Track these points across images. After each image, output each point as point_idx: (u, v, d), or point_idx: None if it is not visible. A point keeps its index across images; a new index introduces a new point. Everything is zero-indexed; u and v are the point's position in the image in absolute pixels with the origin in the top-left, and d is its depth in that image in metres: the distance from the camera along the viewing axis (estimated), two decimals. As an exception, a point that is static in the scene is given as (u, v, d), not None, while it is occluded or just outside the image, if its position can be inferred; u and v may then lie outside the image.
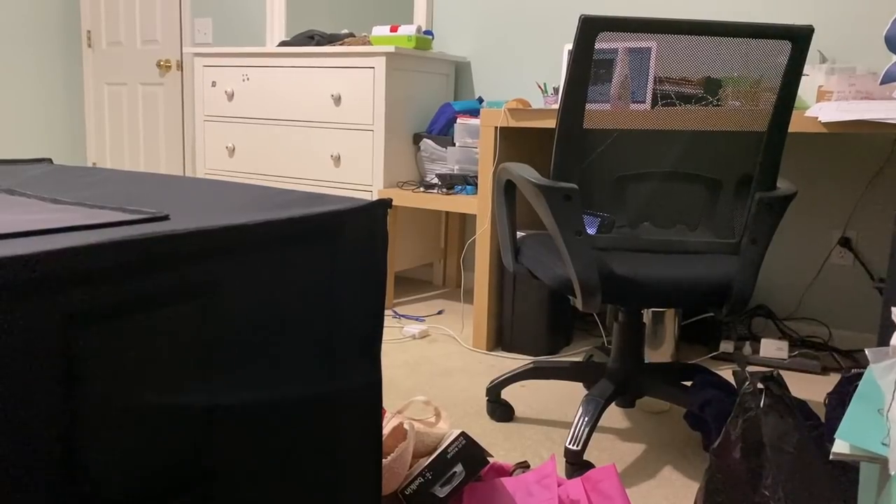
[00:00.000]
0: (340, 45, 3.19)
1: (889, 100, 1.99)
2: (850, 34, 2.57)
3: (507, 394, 2.12)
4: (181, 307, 0.81)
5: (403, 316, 2.97)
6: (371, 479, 1.10)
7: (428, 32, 3.24)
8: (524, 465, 1.48)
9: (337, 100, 3.08)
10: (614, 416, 2.03)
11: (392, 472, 1.29)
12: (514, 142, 2.56)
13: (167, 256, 0.78)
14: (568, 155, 1.57)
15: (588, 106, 1.55)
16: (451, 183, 2.92)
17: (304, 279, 0.94)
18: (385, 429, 1.41)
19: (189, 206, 1.00)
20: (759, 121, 1.60)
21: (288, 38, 3.59)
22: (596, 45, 1.50)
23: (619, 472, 1.70)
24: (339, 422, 1.03)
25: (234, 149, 3.42)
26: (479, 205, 2.53)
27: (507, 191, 1.82)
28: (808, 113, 2.00)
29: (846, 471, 1.13)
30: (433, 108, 3.24)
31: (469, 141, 2.95)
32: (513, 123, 2.41)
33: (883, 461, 0.72)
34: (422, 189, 2.96)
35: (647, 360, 2.33)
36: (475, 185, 2.87)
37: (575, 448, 1.63)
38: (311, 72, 3.15)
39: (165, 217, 0.91)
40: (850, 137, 2.61)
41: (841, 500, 1.10)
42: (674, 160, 1.64)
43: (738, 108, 1.61)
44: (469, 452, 1.34)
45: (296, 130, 3.23)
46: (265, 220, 0.88)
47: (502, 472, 1.46)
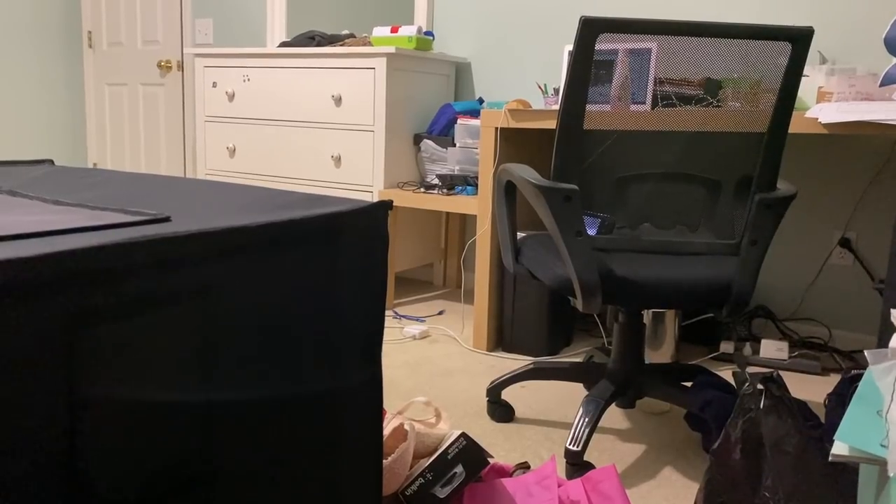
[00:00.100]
0: (341, 45, 3.19)
1: (889, 101, 1.99)
2: (851, 35, 2.58)
3: (507, 394, 2.12)
4: (182, 308, 0.81)
5: (404, 316, 2.97)
6: (371, 480, 1.11)
7: (428, 33, 3.24)
8: (524, 466, 1.49)
9: (337, 100, 3.09)
10: (614, 416, 2.03)
11: (392, 472, 1.29)
12: (514, 142, 2.57)
13: (169, 258, 0.79)
14: (568, 156, 1.58)
15: (588, 107, 1.55)
16: (451, 183, 2.92)
17: (304, 280, 0.94)
18: (385, 429, 1.41)
19: (190, 208, 1.00)
20: (760, 122, 1.60)
21: (288, 39, 3.60)
22: (596, 47, 1.50)
23: (620, 473, 1.71)
24: (339, 422, 1.03)
25: (234, 149, 3.42)
26: (479, 205, 2.53)
27: (508, 191, 1.82)
28: (809, 114, 2.00)
29: (846, 472, 1.13)
30: (433, 109, 3.24)
31: (469, 141, 2.95)
32: (513, 124, 2.41)
33: (882, 463, 0.72)
34: (422, 189, 2.97)
35: (647, 361, 2.34)
36: (475, 185, 2.87)
37: (575, 449, 1.63)
38: (311, 72, 3.16)
39: (167, 219, 0.91)
40: (851, 138, 2.61)
41: (841, 500, 1.11)
42: (674, 161, 1.64)
43: (739, 109, 1.61)
44: (469, 453, 1.34)
45: (296, 131, 3.23)
46: (266, 222, 0.88)
47: (503, 472, 1.46)
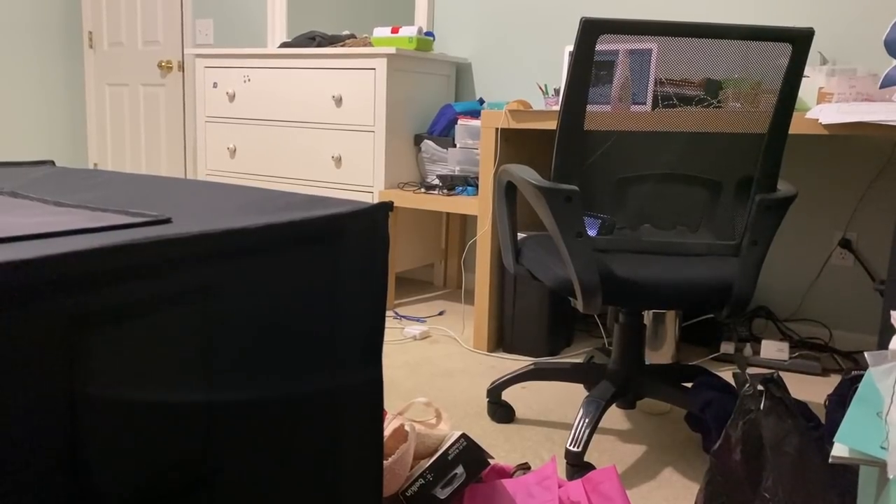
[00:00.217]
0: (341, 46, 3.20)
1: (890, 102, 1.99)
2: (851, 36, 2.58)
3: (507, 395, 2.13)
4: (183, 310, 0.81)
5: (404, 317, 2.97)
6: (372, 481, 1.11)
7: (429, 34, 3.24)
8: (525, 467, 1.49)
9: (338, 101, 3.09)
10: (615, 417, 2.04)
11: (393, 473, 1.29)
12: (514, 143, 2.57)
13: (170, 259, 0.79)
14: (568, 156, 1.58)
15: (589, 107, 1.55)
16: (451, 184, 2.92)
17: (305, 282, 0.95)
18: (386, 430, 1.41)
19: (191, 209, 1.00)
20: (760, 122, 1.60)
21: (289, 40, 3.60)
22: (597, 47, 1.50)
23: (620, 474, 1.71)
24: (340, 423, 1.03)
25: (235, 150, 3.42)
26: (479, 206, 2.53)
27: (508, 192, 1.83)
28: (809, 114, 2.00)
29: (846, 472, 1.13)
30: (434, 109, 3.24)
31: (470, 142, 2.95)
32: (513, 125, 2.41)
33: (882, 464, 0.72)
34: (423, 190, 2.97)
35: (647, 362, 2.34)
36: (476, 186, 2.87)
37: (575, 449, 1.64)
38: (312, 73, 3.16)
39: (168, 220, 0.91)
40: (851, 139, 2.61)
41: (841, 502, 1.11)
42: (674, 162, 1.64)
43: (739, 109, 1.61)
44: (470, 454, 1.34)
45: (297, 131, 3.23)
46: (267, 224, 0.88)
47: (503, 473, 1.46)
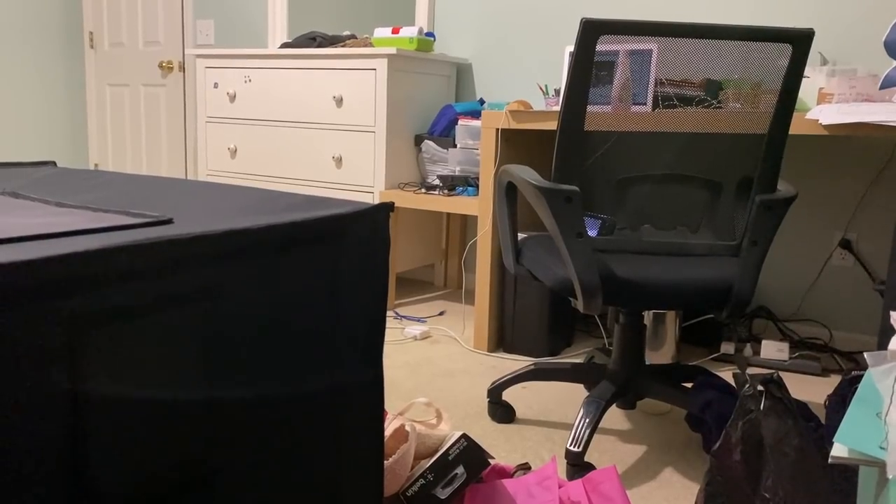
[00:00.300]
0: (342, 46, 3.20)
1: (890, 102, 1.99)
2: (852, 36, 2.58)
3: (508, 395, 2.13)
4: (184, 310, 0.81)
5: (405, 317, 2.98)
6: (372, 481, 1.11)
7: (429, 34, 3.24)
8: (525, 467, 1.49)
9: (338, 101, 3.09)
10: (615, 417, 2.04)
11: (393, 473, 1.29)
12: (515, 143, 2.57)
13: (171, 260, 0.79)
14: (569, 157, 1.58)
15: (589, 108, 1.55)
16: (452, 184, 2.92)
17: (306, 282, 0.95)
18: (386, 430, 1.41)
19: (192, 210, 1.01)
20: (760, 123, 1.60)
21: (290, 40, 3.60)
22: (597, 48, 1.51)
23: (620, 474, 1.71)
24: (340, 423, 1.03)
25: (235, 150, 3.43)
26: (480, 206, 2.53)
27: (509, 192, 1.83)
28: (809, 115, 2.00)
29: (846, 473, 1.13)
30: (434, 110, 3.24)
31: (470, 142, 2.95)
32: (514, 125, 2.41)
33: (881, 464, 0.73)
34: (423, 190, 2.97)
35: (647, 362, 2.34)
36: (476, 186, 2.88)
37: (576, 449, 1.64)
38: (312, 73, 3.16)
39: (169, 221, 0.91)
40: (851, 139, 2.61)
41: (841, 502, 1.11)
42: (674, 162, 1.65)
43: (739, 110, 1.61)
44: (470, 454, 1.34)
45: (297, 132, 3.23)
46: (268, 225, 0.88)
47: (503, 473, 1.46)
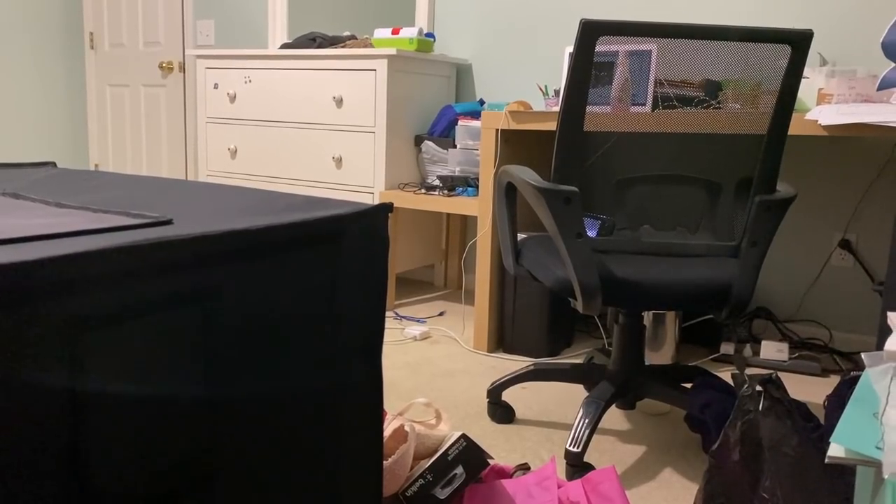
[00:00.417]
0: (342, 47, 3.20)
1: (888, 103, 1.99)
2: (851, 37, 2.58)
3: (507, 395, 2.13)
4: (184, 311, 0.81)
5: (405, 317, 2.98)
6: (372, 481, 1.11)
7: (429, 35, 3.24)
8: (524, 467, 1.49)
9: (339, 102, 3.09)
10: (615, 418, 2.04)
11: (393, 473, 1.29)
12: (515, 144, 2.57)
13: (170, 261, 0.79)
14: (568, 157, 1.58)
15: (589, 108, 1.55)
16: (452, 185, 2.92)
17: (305, 283, 0.95)
18: (386, 431, 1.41)
19: (192, 211, 1.01)
20: (760, 123, 1.60)
21: (290, 41, 3.60)
22: (596, 48, 1.51)
23: (619, 474, 1.71)
24: (339, 424, 1.04)
25: (236, 150, 3.43)
26: (480, 207, 2.53)
27: (508, 193, 1.83)
28: (809, 116, 2.00)
29: (845, 473, 1.13)
30: (434, 110, 3.24)
31: (470, 143, 2.95)
32: (514, 125, 2.41)
33: (877, 465, 0.73)
34: (423, 191, 2.97)
35: (647, 362, 2.34)
36: (476, 186, 2.88)
37: (575, 450, 1.64)
38: (312, 74, 3.16)
39: (169, 221, 0.91)
40: (851, 140, 2.61)
41: (839, 502, 1.11)
42: (674, 163, 1.65)
43: (739, 110, 1.61)
44: (469, 454, 1.35)
45: (297, 132, 3.24)
46: (267, 225, 0.89)
47: (502, 473, 1.46)
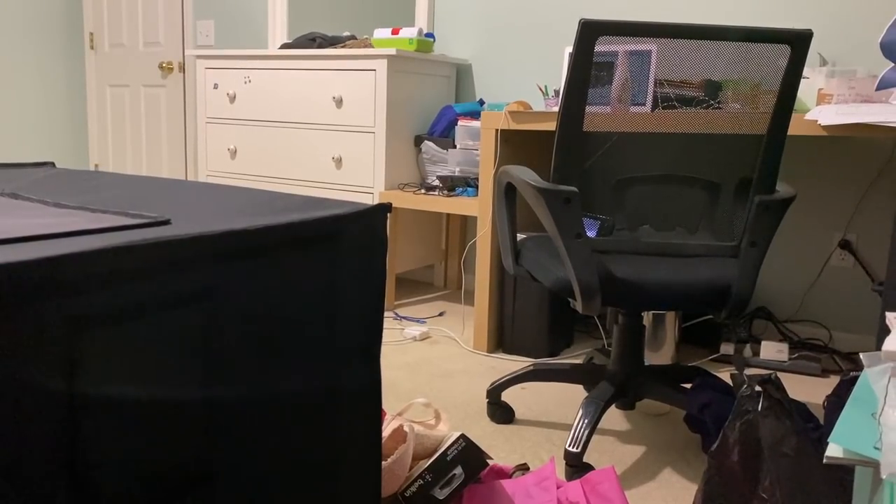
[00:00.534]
0: (342, 47, 3.20)
1: (888, 103, 1.99)
2: (851, 37, 2.58)
3: (507, 396, 2.13)
4: (182, 311, 0.81)
5: (404, 318, 2.98)
6: (371, 481, 1.11)
7: (429, 35, 3.24)
8: (524, 468, 1.49)
9: (338, 102, 3.09)
10: (614, 418, 2.04)
11: (392, 473, 1.29)
12: (514, 144, 2.57)
13: (169, 261, 0.79)
14: (568, 158, 1.58)
15: (588, 108, 1.55)
16: (452, 185, 2.92)
17: (304, 283, 0.95)
18: (385, 431, 1.41)
19: (190, 211, 1.01)
20: (759, 124, 1.60)
21: (290, 41, 3.60)
22: (596, 49, 1.51)
23: (619, 474, 1.71)
24: (338, 424, 1.04)
25: (235, 151, 3.43)
26: (479, 207, 2.53)
27: (508, 193, 1.83)
28: (808, 116, 2.00)
29: (844, 473, 1.13)
30: (434, 110, 3.25)
31: (470, 143, 2.95)
32: (513, 126, 2.41)
33: (875, 465, 0.73)
34: (423, 191, 2.97)
35: (647, 363, 2.34)
36: (476, 187, 2.88)
37: (575, 450, 1.64)
38: (312, 74, 3.16)
39: (167, 221, 0.91)
40: (851, 140, 2.61)
41: (838, 502, 1.11)
42: (673, 163, 1.65)
43: (738, 110, 1.61)
44: (469, 454, 1.34)
45: (297, 132, 3.24)
46: (266, 225, 0.89)
47: (502, 474, 1.46)
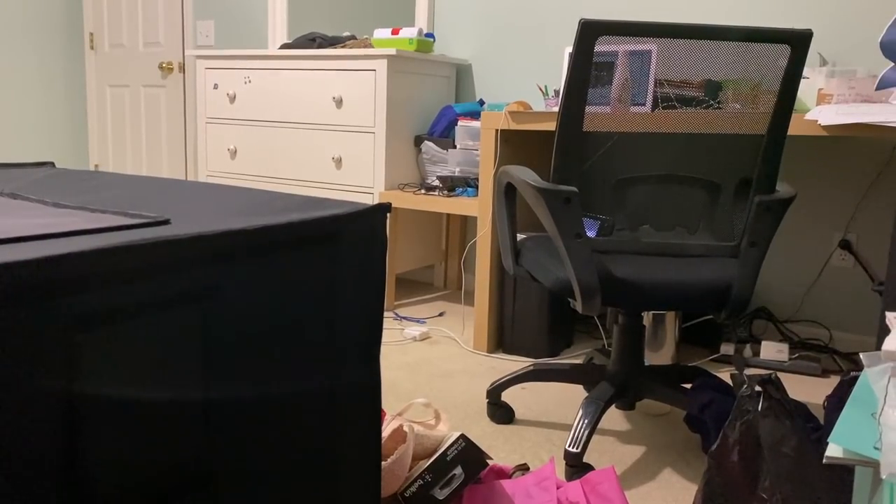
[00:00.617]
0: (342, 47, 3.20)
1: (887, 103, 1.99)
2: (851, 37, 2.58)
3: (507, 396, 2.13)
4: (182, 311, 0.81)
5: (404, 318, 2.98)
6: (370, 481, 1.11)
7: (429, 35, 3.24)
8: (523, 468, 1.49)
9: (338, 102, 3.09)
10: (614, 418, 2.04)
11: (392, 474, 1.29)
12: (514, 144, 2.57)
13: (168, 260, 0.79)
14: (568, 158, 1.58)
15: (588, 108, 1.55)
16: (452, 185, 2.92)
17: (303, 283, 0.95)
18: (385, 431, 1.41)
19: (190, 211, 1.01)
20: (759, 124, 1.60)
21: (290, 41, 3.60)
22: (596, 48, 1.51)
23: (619, 475, 1.71)
24: (338, 424, 1.03)
25: (235, 151, 3.43)
26: (479, 207, 2.53)
27: (508, 193, 1.83)
28: (808, 116, 2.00)
29: (844, 473, 1.13)
30: (434, 111, 3.24)
31: (470, 143, 2.95)
32: (513, 126, 2.41)
33: (875, 465, 0.73)
34: (423, 191, 2.97)
35: (647, 363, 2.34)
36: (476, 187, 2.88)
37: (575, 450, 1.64)
38: (312, 74, 3.16)
39: (166, 221, 0.91)
40: (851, 140, 2.61)
41: (838, 502, 1.11)
42: (673, 163, 1.65)
43: (738, 110, 1.61)
44: (468, 455, 1.34)
45: (297, 133, 3.24)
46: (265, 226, 0.88)
47: (502, 474, 1.46)
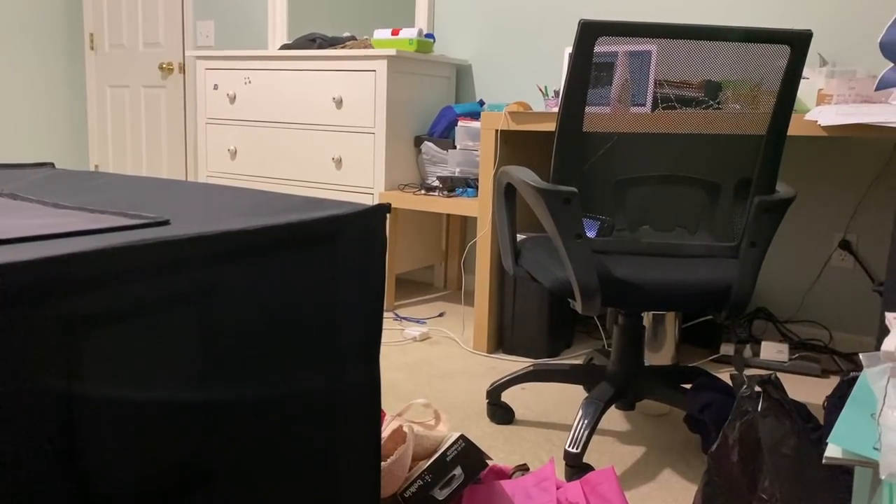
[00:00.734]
0: (342, 48, 3.20)
1: (887, 104, 1.99)
2: (851, 37, 2.58)
3: (507, 396, 2.13)
4: (181, 311, 0.81)
5: (404, 318, 2.98)
6: (370, 482, 1.11)
7: (429, 35, 3.24)
8: (523, 468, 1.49)
9: (338, 102, 3.09)
10: (614, 418, 2.04)
11: (391, 474, 1.29)
12: (514, 144, 2.57)
13: (168, 261, 0.79)
14: (568, 158, 1.58)
15: (588, 109, 1.55)
16: (452, 185, 2.92)
17: (303, 283, 0.95)
18: (384, 431, 1.41)
19: (189, 211, 1.01)
20: (759, 124, 1.60)
21: (290, 41, 3.60)
22: (596, 49, 1.51)
23: (619, 475, 1.71)
24: (337, 424, 1.03)
25: (235, 151, 3.43)
26: (479, 207, 2.53)
27: (508, 194, 1.83)
28: (808, 116, 2.00)
29: (844, 474, 1.13)
30: (434, 111, 3.25)
31: (470, 143, 2.95)
32: (513, 126, 2.41)
33: (874, 465, 0.73)
34: (423, 191, 2.97)
35: (647, 363, 2.34)
36: (476, 187, 2.88)
37: (574, 451, 1.64)
38: (312, 75, 3.16)
39: (166, 222, 0.91)
40: (850, 141, 2.61)
41: (838, 503, 1.11)
42: (673, 163, 1.65)
43: (738, 111, 1.61)
44: (468, 455, 1.34)
45: (297, 133, 3.24)
46: (264, 226, 0.88)
47: (501, 474, 1.46)
